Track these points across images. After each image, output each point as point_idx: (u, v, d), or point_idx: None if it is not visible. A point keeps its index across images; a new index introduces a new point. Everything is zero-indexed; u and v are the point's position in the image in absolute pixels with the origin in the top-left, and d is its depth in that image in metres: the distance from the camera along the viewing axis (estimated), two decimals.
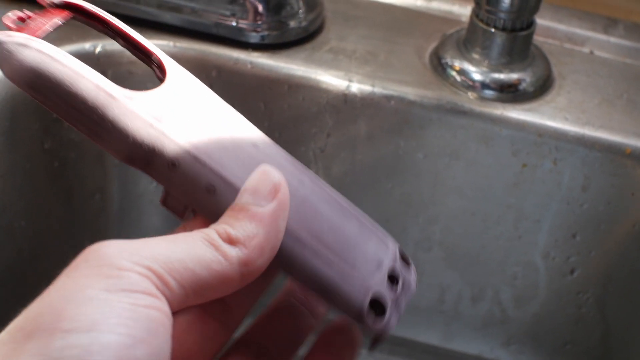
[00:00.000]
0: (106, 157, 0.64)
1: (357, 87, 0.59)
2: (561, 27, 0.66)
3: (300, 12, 0.61)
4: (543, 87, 0.60)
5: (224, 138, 0.32)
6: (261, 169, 0.31)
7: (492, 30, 0.58)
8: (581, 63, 0.64)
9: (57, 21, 0.32)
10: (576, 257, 0.63)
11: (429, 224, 0.64)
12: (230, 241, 0.29)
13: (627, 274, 0.63)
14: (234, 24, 0.60)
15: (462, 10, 0.66)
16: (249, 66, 0.60)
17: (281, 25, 0.61)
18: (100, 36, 0.60)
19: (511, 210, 0.62)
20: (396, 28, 0.65)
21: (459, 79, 0.60)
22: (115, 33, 0.34)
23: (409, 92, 0.59)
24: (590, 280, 0.64)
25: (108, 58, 0.59)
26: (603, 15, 0.67)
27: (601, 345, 0.66)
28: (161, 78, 0.34)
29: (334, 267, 0.31)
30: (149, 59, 0.34)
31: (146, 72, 0.60)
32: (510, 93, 0.59)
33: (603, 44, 0.65)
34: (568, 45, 0.65)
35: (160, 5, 0.60)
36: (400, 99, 0.59)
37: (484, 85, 0.59)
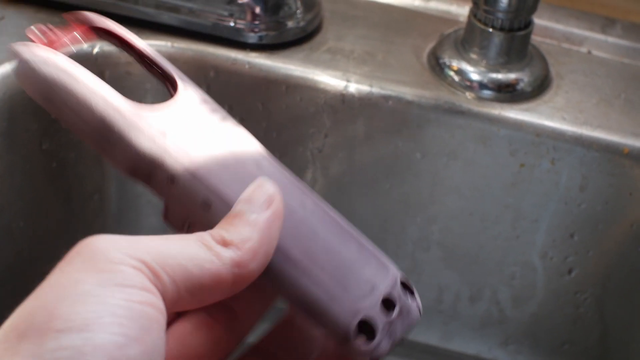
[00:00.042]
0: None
1: (355, 87, 0.59)
2: (559, 27, 0.66)
3: (298, 12, 0.62)
4: (541, 87, 0.60)
5: (226, 156, 0.32)
6: (257, 181, 0.31)
7: (490, 30, 0.58)
8: (579, 63, 0.64)
9: (77, 36, 0.34)
10: (574, 257, 0.63)
11: (427, 224, 0.64)
12: (224, 243, 0.29)
13: (625, 273, 0.63)
14: (231, 24, 0.60)
15: (460, 10, 0.66)
16: (246, 66, 0.60)
17: (279, 25, 0.61)
18: None
19: (509, 210, 0.62)
20: (394, 28, 0.65)
21: (456, 79, 0.60)
22: (132, 50, 0.35)
23: (407, 92, 0.59)
24: (588, 280, 0.64)
25: (106, 58, 0.59)
26: (601, 15, 0.67)
27: (599, 345, 0.67)
28: (172, 94, 0.34)
29: (323, 288, 0.31)
30: (163, 75, 0.35)
31: (144, 73, 0.60)
32: (508, 93, 0.59)
33: (601, 43, 0.66)
34: (566, 45, 0.66)
35: (158, 6, 0.60)
36: (398, 99, 0.59)
37: (481, 85, 0.59)
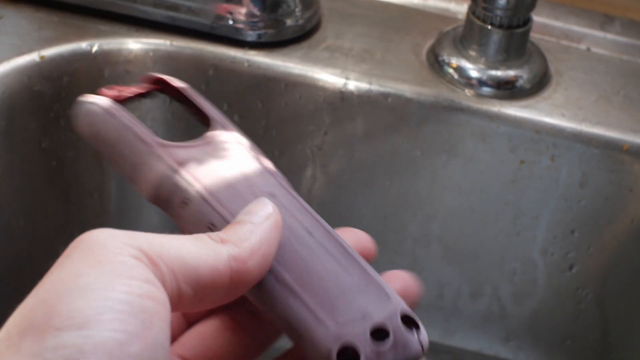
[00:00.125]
0: None
1: (354, 84, 0.59)
2: (558, 24, 0.66)
3: (297, 10, 0.61)
4: (540, 84, 0.60)
5: (240, 187, 0.34)
6: (258, 199, 0.33)
7: (489, 27, 0.58)
8: (578, 60, 0.64)
9: (136, 90, 0.39)
10: (575, 253, 0.63)
11: (427, 221, 0.64)
12: (222, 241, 0.30)
13: (626, 269, 0.63)
14: (230, 22, 0.60)
15: (459, 7, 0.66)
16: (245, 65, 0.60)
17: (278, 23, 0.61)
18: (97, 35, 0.60)
19: (509, 206, 0.62)
20: (393, 26, 0.65)
21: (456, 76, 0.60)
22: (187, 103, 0.40)
23: (406, 89, 0.59)
24: (589, 276, 0.64)
25: (105, 57, 0.59)
26: (600, 12, 0.67)
27: (600, 341, 0.67)
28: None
29: (311, 311, 0.31)
30: (206, 118, 0.39)
31: (142, 71, 0.60)
32: (507, 90, 0.59)
33: (600, 40, 0.66)
34: (565, 42, 0.66)
35: (157, 4, 0.60)
36: (397, 97, 0.59)
37: (481, 83, 0.59)
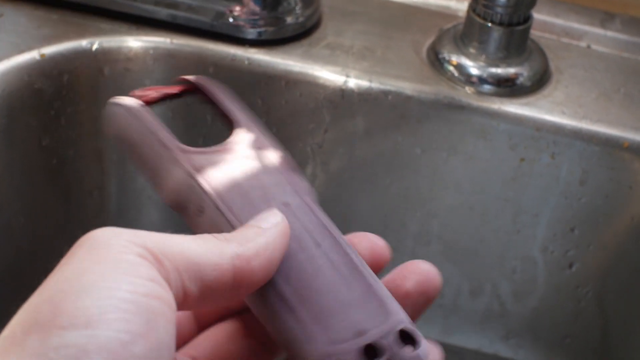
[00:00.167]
0: (104, 154, 0.64)
1: (354, 82, 0.59)
2: (558, 21, 0.66)
3: (297, 8, 0.61)
4: (540, 81, 0.60)
5: (254, 196, 0.34)
6: (268, 209, 0.33)
7: (489, 24, 0.58)
8: (578, 57, 0.64)
9: (166, 91, 0.39)
10: (575, 251, 0.63)
11: (427, 218, 0.64)
12: (227, 240, 0.30)
13: (626, 267, 0.63)
14: (231, 20, 0.60)
15: (459, 5, 0.66)
16: (246, 62, 0.60)
17: (278, 21, 0.61)
18: (97, 33, 0.60)
19: (509, 204, 0.62)
20: (393, 23, 0.65)
21: (456, 73, 0.60)
22: (215, 105, 0.40)
23: (407, 87, 0.59)
24: (589, 274, 0.64)
25: (105, 55, 0.59)
26: (600, 9, 0.67)
27: (600, 339, 0.67)
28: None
29: (303, 327, 0.31)
30: (230, 119, 0.39)
31: (142, 69, 0.60)
32: (507, 87, 0.59)
33: (600, 38, 0.65)
34: (565, 40, 0.66)
35: (157, 2, 0.60)
36: (397, 94, 0.59)
37: (481, 80, 0.59)
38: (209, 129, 0.63)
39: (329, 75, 0.59)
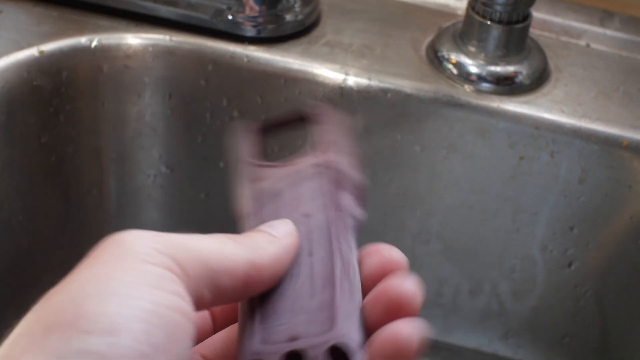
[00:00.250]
0: (103, 151, 0.64)
1: (353, 80, 0.59)
2: (557, 20, 0.66)
3: (297, 5, 0.61)
4: (539, 79, 0.60)
5: (286, 202, 0.35)
6: (282, 219, 0.33)
7: (488, 22, 0.58)
8: (577, 56, 0.64)
9: (282, 119, 0.43)
10: (574, 249, 0.63)
11: (426, 217, 0.64)
12: (243, 245, 0.30)
13: (625, 266, 0.63)
14: (230, 17, 0.60)
15: (458, 3, 0.66)
16: (245, 60, 0.60)
17: (277, 18, 0.61)
18: (96, 30, 0.60)
19: (509, 203, 0.62)
20: (392, 21, 0.65)
21: (455, 71, 0.60)
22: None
23: (406, 85, 0.59)
24: (588, 273, 0.64)
25: (104, 52, 0.59)
26: (599, 8, 0.67)
27: (599, 338, 0.67)
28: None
29: (251, 323, 0.31)
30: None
31: (141, 66, 0.60)
32: (506, 86, 0.59)
33: (599, 36, 0.65)
34: (564, 38, 0.65)
35: None
36: (396, 92, 0.59)
37: (480, 78, 0.59)
38: (208, 128, 0.63)
39: (328, 73, 0.59)
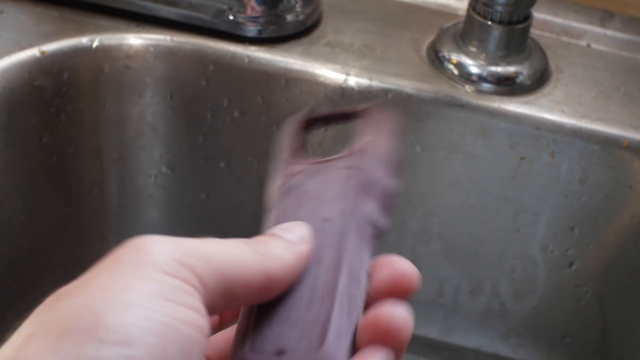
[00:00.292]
0: (104, 152, 0.64)
1: (354, 80, 0.59)
2: (558, 20, 0.66)
3: (297, 6, 0.61)
4: (540, 80, 0.60)
5: (307, 204, 0.35)
6: (294, 222, 0.33)
7: (489, 23, 0.58)
8: (578, 56, 0.64)
9: (332, 114, 0.42)
10: (574, 250, 0.63)
11: (427, 217, 0.64)
12: (261, 254, 0.30)
13: (626, 266, 0.63)
14: (231, 17, 0.60)
15: (459, 3, 0.66)
16: (246, 60, 0.60)
17: (278, 19, 0.61)
18: (97, 30, 0.60)
19: (509, 203, 0.62)
20: (393, 21, 0.65)
21: (456, 72, 0.60)
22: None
23: (406, 85, 0.59)
24: (589, 273, 0.64)
25: (105, 52, 0.59)
26: (599, 8, 0.67)
27: (600, 338, 0.67)
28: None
29: (244, 332, 0.31)
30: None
31: (142, 66, 0.60)
32: (507, 86, 0.59)
33: (600, 37, 0.66)
34: (565, 39, 0.66)
35: (158, 0, 0.60)
36: (397, 93, 0.59)
37: (481, 78, 0.59)
38: (209, 128, 0.63)
39: (329, 73, 0.59)
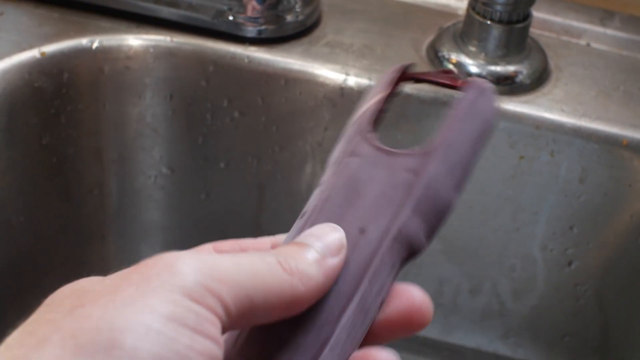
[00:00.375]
0: (104, 152, 0.64)
1: (354, 80, 0.59)
2: (557, 19, 0.66)
3: (297, 6, 0.62)
4: (540, 79, 0.61)
5: (350, 205, 0.33)
6: (330, 224, 0.32)
7: (489, 22, 0.58)
8: (578, 55, 0.64)
9: (439, 79, 0.38)
10: (574, 249, 0.63)
11: None
12: (291, 274, 0.29)
13: (625, 265, 0.63)
14: (231, 18, 0.60)
15: (459, 3, 0.66)
16: (246, 61, 0.60)
17: (278, 19, 0.61)
18: (97, 31, 0.60)
19: (509, 202, 0.62)
20: (393, 21, 0.65)
21: (455, 71, 0.60)
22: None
23: (406, 85, 0.59)
24: (588, 272, 0.64)
25: (105, 53, 0.60)
26: (599, 7, 0.67)
27: (600, 337, 0.67)
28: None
29: (240, 337, 0.31)
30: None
31: (142, 67, 0.61)
32: (507, 85, 0.59)
33: (599, 36, 0.66)
34: (565, 38, 0.66)
35: (158, 0, 0.60)
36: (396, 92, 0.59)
37: (480, 78, 0.59)
38: (209, 129, 0.63)
39: (329, 73, 0.60)
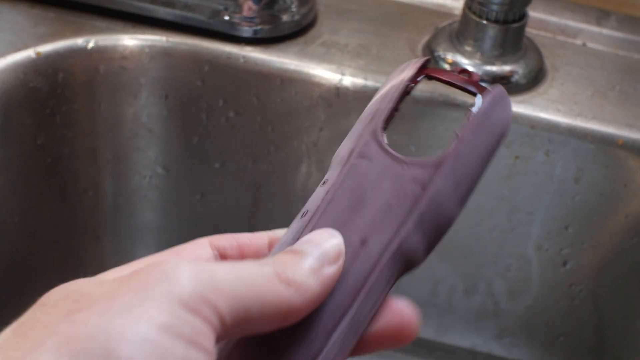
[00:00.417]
0: (99, 153, 0.64)
1: (349, 80, 0.59)
2: (553, 19, 0.66)
3: (293, 6, 0.61)
4: (535, 79, 0.61)
5: (357, 205, 0.32)
6: (330, 230, 0.31)
7: (485, 22, 0.58)
8: (574, 55, 0.64)
9: (456, 81, 0.36)
10: (569, 249, 0.63)
11: None
12: (288, 284, 0.29)
13: (620, 265, 0.63)
14: (226, 18, 0.60)
15: (455, 3, 0.67)
16: (241, 60, 0.60)
17: (274, 19, 0.61)
18: (93, 31, 0.60)
19: (504, 202, 0.62)
20: (389, 21, 0.65)
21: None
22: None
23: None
24: (583, 272, 0.64)
25: (100, 53, 0.59)
26: (595, 7, 0.67)
27: (594, 337, 0.67)
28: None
29: (229, 345, 0.31)
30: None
31: (138, 67, 0.60)
32: (502, 85, 0.59)
33: (595, 35, 0.66)
34: (560, 37, 0.66)
35: (154, 1, 0.60)
36: None
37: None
38: (204, 129, 0.63)
39: (325, 73, 0.60)
